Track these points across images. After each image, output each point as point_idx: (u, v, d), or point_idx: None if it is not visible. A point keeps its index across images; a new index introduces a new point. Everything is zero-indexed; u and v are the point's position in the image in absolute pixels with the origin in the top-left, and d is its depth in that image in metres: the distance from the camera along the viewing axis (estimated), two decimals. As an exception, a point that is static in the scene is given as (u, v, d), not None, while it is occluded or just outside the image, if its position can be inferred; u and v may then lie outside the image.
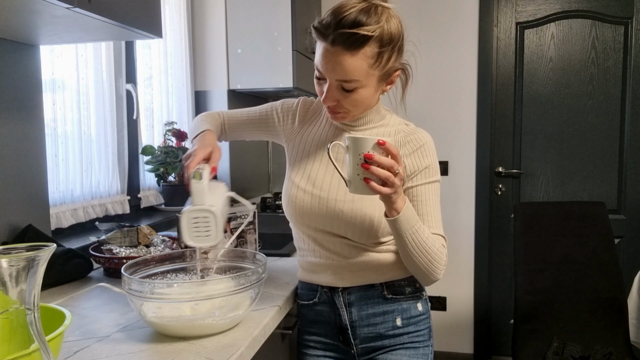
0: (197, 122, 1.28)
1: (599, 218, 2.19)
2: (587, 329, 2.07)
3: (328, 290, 1.18)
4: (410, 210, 1.02)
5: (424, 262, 1.06)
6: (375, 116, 1.16)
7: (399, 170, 0.94)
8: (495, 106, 2.87)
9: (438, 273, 1.09)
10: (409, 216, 1.02)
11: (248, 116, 1.32)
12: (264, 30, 2.32)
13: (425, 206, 1.11)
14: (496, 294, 2.95)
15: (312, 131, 1.22)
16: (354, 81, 1.03)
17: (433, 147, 1.14)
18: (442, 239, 1.11)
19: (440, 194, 1.15)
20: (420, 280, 1.14)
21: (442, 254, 1.09)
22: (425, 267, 1.07)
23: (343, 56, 1.00)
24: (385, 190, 0.94)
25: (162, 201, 2.17)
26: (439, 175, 1.15)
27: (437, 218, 1.12)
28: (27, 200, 1.37)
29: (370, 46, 1.00)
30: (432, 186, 1.12)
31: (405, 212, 1.01)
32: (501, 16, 2.82)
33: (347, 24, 0.98)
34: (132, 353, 0.88)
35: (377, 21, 0.99)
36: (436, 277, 1.10)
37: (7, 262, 0.51)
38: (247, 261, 1.14)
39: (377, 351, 1.17)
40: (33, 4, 0.93)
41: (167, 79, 2.23)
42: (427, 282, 1.13)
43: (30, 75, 1.37)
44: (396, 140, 1.14)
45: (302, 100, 1.27)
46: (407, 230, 1.02)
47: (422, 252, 1.05)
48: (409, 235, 1.03)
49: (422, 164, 1.12)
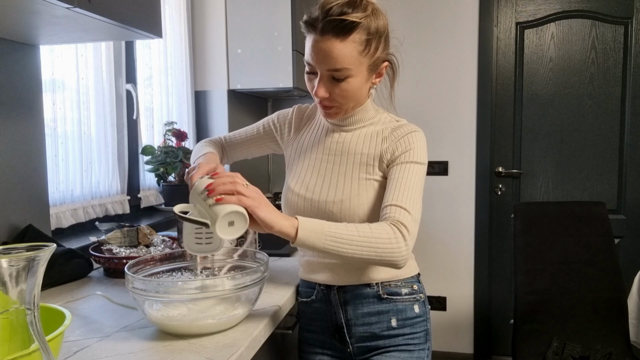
0: (200, 147, 1.32)
1: (599, 218, 2.19)
2: (587, 329, 2.07)
3: (325, 288, 1.19)
4: (307, 220, 0.97)
5: (366, 253, 0.97)
6: (365, 115, 1.17)
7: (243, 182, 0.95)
8: (495, 106, 2.87)
9: (396, 257, 0.98)
10: (309, 226, 0.96)
11: (246, 134, 1.35)
12: (264, 30, 2.32)
13: (396, 183, 1.06)
14: (496, 294, 2.95)
15: (306, 136, 1.25)
16: (345, 69, 1.04)
17: (422, 138, 1.13)
18: (400, 212, 1.01)
19: (421, 179, 1.09)
20: (387, 266, 1.04)
21: (386, 237, 0.98)
22: (373, 257, 0.98)
23: (333, 43, 1.02)
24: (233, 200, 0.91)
25: (162, 201, 2.17)
26: (423, 161, 1.11)
27: (404, 194, 1.04)
28: (27, 200, 1.37)
29: (359, 33, 1.03)
30: (409, 166, 1.09)
31: (303, 225, 0.95)
32: (501, 16, 2.82)
33: (335, 13, 1.01)
34: (132, 353, 0.88)
35: (363, 11, 1.03)
36: (396, 260, 0.99)
37: (7, 262, 0.51)
38: (247, 260, 1.15)
39: (373, 351, 1.17)
40: (33, 4, 0.93)
41: (167, 79, 2.23)
42: (395, 267, 1.02)
43: (30, 75, 1.37)
44: (383, 137, 1.14)
45: (296, 108, 1.30)
46: (319, 240, 0.96)
47: (355, 246, 0.97)
48: (328, 244, 0.96)
49: (405, 147, 1.11)
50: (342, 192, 1.12)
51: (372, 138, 1.15)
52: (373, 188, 1.12)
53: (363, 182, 1.12)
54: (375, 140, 1.14)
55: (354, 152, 1.15)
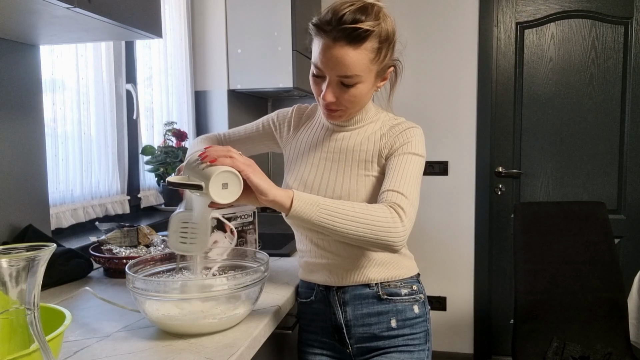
0: (196, 143, 1.32)
1: (599, 218, 2.19)
2: (587, 329, 2.07)
3: (324, 288, 1.19)
4: (302, 193, 0.97)
5: (362, 231, 0.96)
6: (365, 115, 1.17)
7: (238, 152, 0.94)
8: (495, 106, 2.87)
9: (392, 237, 0.97)
10: (305, 197, 0.96)
11: (245, 132, 1.35)
12: (264, 30, 2.32)
13: (395, 172, 1.06)
14: (496, 294, 2.95)
15: (305, 135, 1.24)
16: (355, 76, 1.04)
17: (420, 133, 1.14)
18: (397, 197, 1.01)
19: (419, 170, 1.08)
20: (383, 249, 1.00)
21: (383, 216, 0.97)
22: (368, 235, 0.97)
23: (346, 51, 1.01)
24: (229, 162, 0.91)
25: (162, 201, 2.17)
26: (422, 154, 1.11)
27: (402, 180, 1.03)
28: (27, 200, 1.37)
29: (371, 41, 1.03)
30: (407, 157, 1.09)
31: (299, 196, 0.95)
32: (501, 16, 2.82)
33: (348, 20, 1.00)
34: (132, 353, 0.88)
35: (375, 18, 1.02)
36: (392, 239, 0.97)
37: (7, 262, 0.51)
38: (248, 260, 1.15)
39: (372, 352, 1.17)
40: (33, 4, 0.93)
41: (167, 79, 2.23)
42: (391, 250, 0.99)
43: (30, 75, 1.37)
44: (382, 134, 1.14)
45: (296, 107, 1.30)
46: (314, 212, 0.95)
47: (351, 222, 0.95)
48: (323, 217, 0.95)
49: (404, 140, 1.11)
50: (340, 189, 1.12)
51: (371, 136, 1.15)
52: (372, 184, 1.12)
53: (362, 179, 1.12)
54: (375, 137, 1.15)
55: (353, 150, 1.15)
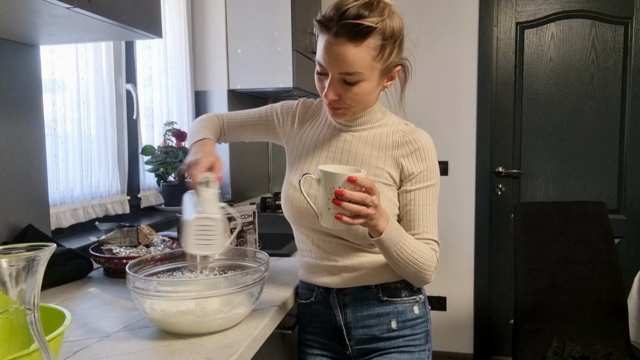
0: (197, 127, 1.27)
1: (599, 218, 2.19)
2: (587, 329, 2.07)
3: (324, 290, 1.18)
4: (393, 229, 1.03)
5: (412, 271, 1.08)
6: (373, 116, 1.16)
7: (373, 202, 0.95)
8: (495, 106, 2.87)
9: (428, 277, 1.10)
10: (392, 234, 1.03)
11: (247, 118, 1.32)
12: (264, 30, 2.32)
13: (420, 211, 1.11)
14: (496, 294, 2.95)
15: (310, 131, 1.22)
16: (357, 73, 1.03)
17: (432, 148, 1.14)
18: (434, 244, 1.12)
19: (437, 196, 1.15)
20: (411, 282, 1.14)
21: (431, 261, 1.09)
22: (413, 275, 1.09)
23: (347, 47, 1.00)
24: (357, 222, 0.97)
25: (162, 201, 2.17)
26: (438, 177, 1.14)
27: (431, 223, 1.13)
28: (27, 200, 1.37)
29: (374, 38, 1.01)
30: (428, 190, 1.12)
31: (388, 232, 1.02)
32: (501, 16, 2.82)
33: (350, 15, 0.99)
34: (132, 353, 0.88)
35: (379, 14, 1.01)
36: (427, 280, 1.12)
37: (7, 262, 0.51)
38: (248, 260, 1.15)
39: (373, 353, 1.16)
40: (33, 4, 0.93)
41: (167, 79, 2.23)
42: (419, 285, 1.15)
43: (30, 75, 1.37)
44: (394, 141, 1.13)
45: (301, 101, 1.27)
46: (391, 247, 1.04)
47: (409, 263, 1.06)
48: (394, 252, 1.04)
49: (419, 167, 1.12)
50: None
51: (380, 140, 1.14)
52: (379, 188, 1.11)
53: None
54: (385, 143, 1.13)
55: (363, 154, 1.13)
